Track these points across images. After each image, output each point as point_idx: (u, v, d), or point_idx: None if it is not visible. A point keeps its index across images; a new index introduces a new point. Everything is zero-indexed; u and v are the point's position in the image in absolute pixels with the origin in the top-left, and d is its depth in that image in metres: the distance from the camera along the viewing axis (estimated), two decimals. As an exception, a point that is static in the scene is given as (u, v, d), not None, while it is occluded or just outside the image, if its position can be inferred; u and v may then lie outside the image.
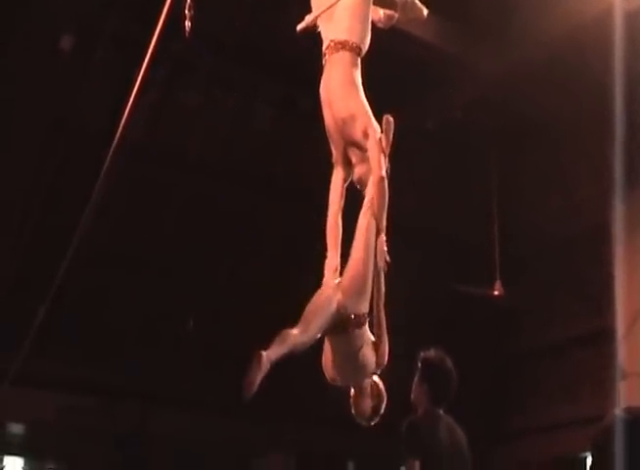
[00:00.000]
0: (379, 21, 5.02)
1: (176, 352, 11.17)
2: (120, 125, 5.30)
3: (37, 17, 8.97)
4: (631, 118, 8.30)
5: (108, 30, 9.37)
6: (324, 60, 4.72)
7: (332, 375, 4.55)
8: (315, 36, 4.83)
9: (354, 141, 4.59)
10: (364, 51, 4.73)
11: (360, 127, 4.52)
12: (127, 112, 5.16)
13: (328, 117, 4.66)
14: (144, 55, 4.84)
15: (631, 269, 10.45)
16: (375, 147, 4.46)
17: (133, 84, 5.08)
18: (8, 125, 9.53)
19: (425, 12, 5.21)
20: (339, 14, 4.69)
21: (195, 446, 11.18)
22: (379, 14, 5.01)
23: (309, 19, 4.77)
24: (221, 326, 11.65)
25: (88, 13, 9.45)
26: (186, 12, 4.51)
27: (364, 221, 4.52)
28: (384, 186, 4.47)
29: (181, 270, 11.39)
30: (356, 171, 4.64)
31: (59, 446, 11.23)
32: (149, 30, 4.79)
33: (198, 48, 9.61)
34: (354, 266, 4.47)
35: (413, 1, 5.12)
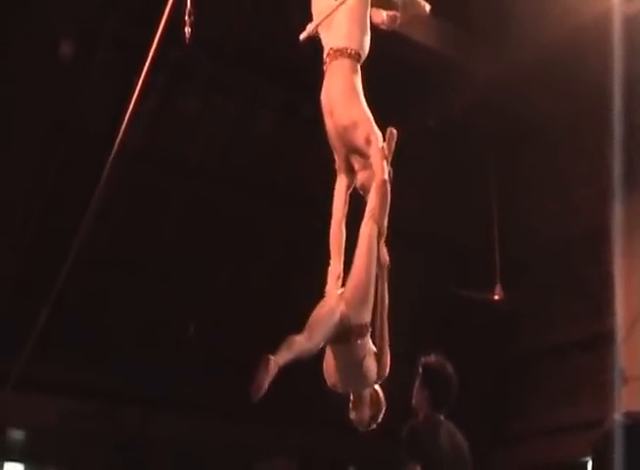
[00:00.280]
0: (382, 23, 4.99)
1: (177, 356, 11.16)
2: (121, 129, 5.30)
3: (37, 20, 8.98)
4: (629, 120, 8.31)
5: (108, 35, 9.38)
6: (324, 67, 4.73)
7: (333, 381, 4.55)
8: (316, 42, 4.84)
9: (357, 148, 4.59)
10: (364, 57, 4.74)
11: (362, 134, 4.53)
12: (128, 116, 5.17)
13: (330, 124, 4.67)
14: (144, 59, 4.85)
15: (631, 272, 10.45)
16: (377, 152, 4.47)
17: (134, 89, 5.09)
18: (8, 128, 9.54)
19: (427, 7, 5.19)
20: (337, 21, 4.71)
21: (196, 450, 11.18)
22: (382, 16, 4.99)
23: (311, 28, 4.77)
24: (222, 330, 11.65)
25: (89, 16, 9.46)
26: (186, 18, 4.52)
27: (366, 230, 4.51)
28: (386, 189, 4.47)
29: (182, 275, 11.39)
30: (359, 178, 4.64)
31: (59, 452, 11.22)
32: (149, 35, 4.80)
33: (198, 53, 9.63)
34: (357, 276, 4.47)
35: None
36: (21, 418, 10.68)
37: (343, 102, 4.61)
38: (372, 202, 4.54)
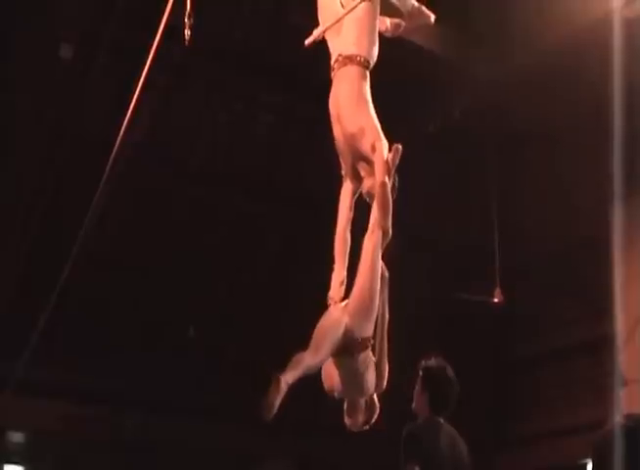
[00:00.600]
0: (386, 30, 5.01)
1: (177, 359, 11.16)
2: (121, 132, 5.30)
3: (38, 24, 8.99)
4: (630, 125, 8.30)
5: (108, 38, 9.38)
6: (332, 73, 4.71)
7: (330, 386, 4.55)
8: (317, 46, 4.83)
9: (363, 155, 4.58)
10: (372, 64, 4.73)
11: (369, 142, 4.52)
12: (127, 118, 5.17)
13: (337, 131, 4.66)
14: (144, 62, 4.85)
15: (631, 276, 10.44)
16: (380, 159, 4.46)
17: (133, 92, 5.09)
18: (10, 131, 9.55)
19: (432, 18, 5.20)
20: (346, 27, 4.69)
21: (195, 452, 11.17)
22: (385, 23, 5.01)
23: (317, 33, 4.75)
24: (222, 333, 11.65)
25: (89, 20, 9.47)
26: (186, 20, 4.51)
27: (370, 245, 4.51)
28: (386, 191, 4.44)
29: (182, 277, 11.38)
30: (365, 185, 4.62)
31: (59, 454, 11.21)
32: (149, 38, 4.80)
33: (198, 56, 9.63)
34: (360, 290, 4.47)
35: (420, 8, 5.11)
36: (21, 421, 10.69)
37: (352, 109, 4.60)
38: (375, 212, 4.54)
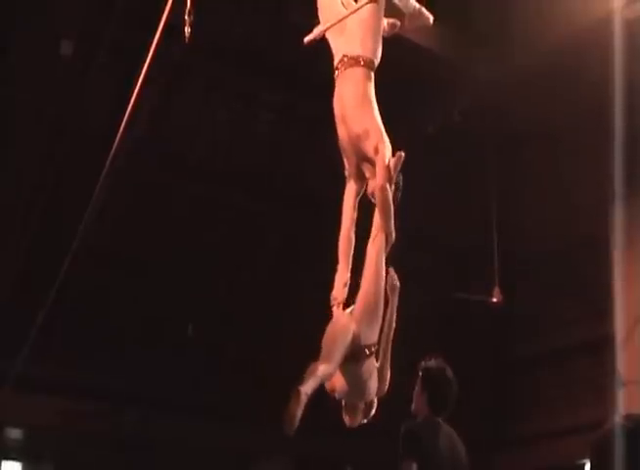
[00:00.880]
0: (382, 30, 5.01)
1: (176, 356, 11.16)
2: (120, 129, 5.30)
3: (38, 21, 8.98)
4: (630, 125, 8.30)
5: (108, 35, 9.37)
6: (336, 74, 4.70)
7: (332, 388, 4.54)
8: (318, 45, 4.82)
9: (367, 157, 4.58)
10: (376, 64, 4.72)
11: (372, 144, 4.51)
12: (127, 116, 5.17)
13: (342, 132, 4.64)
14: (144, 60, 4.85)
15: (631, 276, 10.44)
16: (382, 162, 4.46)
17: (133, 89, 5.09)
18: (10, 127, 9.55)
19: (431, 19, 5.21)
20: (351, 28, 4.67)
21: (194, 450, 11.17)
22: (382, 23, 5.02)
23: (318, 31, 4.72)
24: (221, 331, 11.65)
25: (89, 17, 9.46)
26: (186, 17, 4.50)
27: (373, 250, 4.52)
28: (386, 196, 4.45)
29: (182, 275, 11.38)
30: (370, 185, 4.62)
31: (57, 451, 11.22)
32: (149, 35, 4.80)
33: (198, 53, 9.63)
34: (365, 296, 4.47)
35: (420, 9, 5.12)
36: (19, 417, 10.69)
37: (357, 110, 4.59)
38: (377, 217, 4.56)
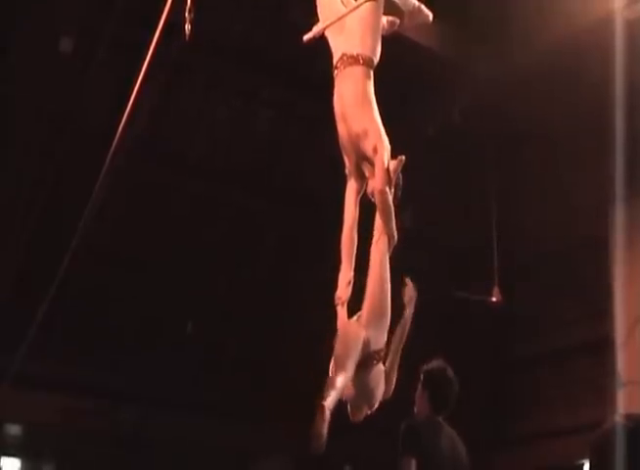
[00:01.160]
0: (382, 28, 5.01)
1: (175, 354, 11.16)
2: (120, 127, 5.30)
3: (38, 18, 8.98)
4: (630, 125, 8.30)
5: (108, 32, 9.37)
6: (335, 72, 4.69)
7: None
8: (318, 42, 4.81)
9: (366, 156, 4.58)
10: (376, 62, 4.72)
11: (371, 144, 4.51)
12: (127, 113, 5.16)
13: (342, 130, 4.64)
14: (144, 57, 4.84)
15: (630, 277, 10.43)
16: (380, 163, 4.45)
17: (133, 87, 5.08)
18: (10, 125, 9.55)
19: (430, 17, 5.21)
20: (350, 26, 4.67)
21: (193, 448, 11.17)
22: (382, 21, 5.01)
23: (317, 29, 4.71)
24: (220, 329, 11.65)
25: (89, 14, 9.46)
26: (186, 15, 4.49)
27: (377, 254, 4.53)
28: (386, 199, 4.45)
29: (181, 273, 11.38)
30: (370, 184, 4.62)
31: (57, 448, 11.23)
32: (149, 32, 4.79)
33: (198, 51, 9.62)
34: (372, 302, 4.48)
35: (419, 7, 5.11)
36: (18, 414, 10.69)
37: (357, 109, 4.58)
38: (378, 219, 4.56)
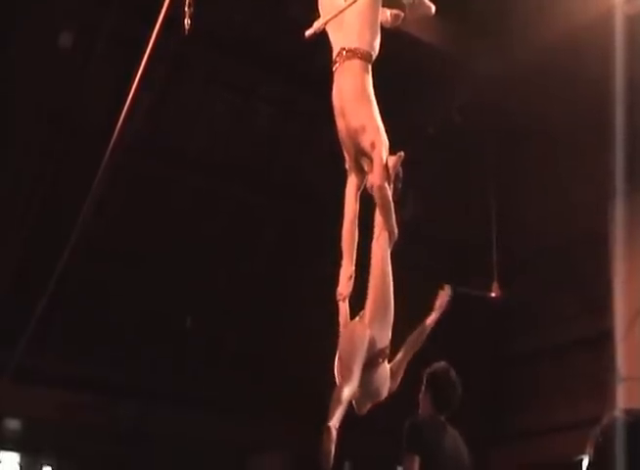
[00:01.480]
0: (385, 21, 4.99)
1: (175, 349, 11.17)
2: (119, 122, 5.29)
3: (37, 14, 8.96)
4: (630, 121, 8.29)
5: (107, 27, 9.35)
6: (334, 67, 4.69)
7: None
8: (317, 37, 4.80)
9: (364, 151, 4.59)
10: (374, 57, 4.72)
11: (369, 139, 4.52)
12: (126, 108, 5.16)
13: (341, 125, 4.64)
14: (144, 51, 4.83)
15: (630, 272, 10.44)
16: (378, 159, 4.46)
17: (133, 81, 5.07)
18: (9, 121, 9.54)
19: (432, 9, 5.20)
20: (349, 21, 4.67)
21: (192, 443, 11.18)
22: (385, 14, 4.99)
23: (318, 25, 4.70)
24: (220, 324, 11.64)
25: (88, 9, 9.45)
26: (186, 9, 4.48)
27: (378, 251, 4.53)
28: (385, 195, 4.46)
29: (181, 267, 11.38)
30: (369, 179, 4.62)
31: (56, 442, 11.23)
32: (149, 27, 4.78)
33: (197, 46, 9.61)
34: (374, 298, 4.48)
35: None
36: (18, 408, 10.68)
37: (355, 104, 4.59)
38: (378, 216, 4.57)
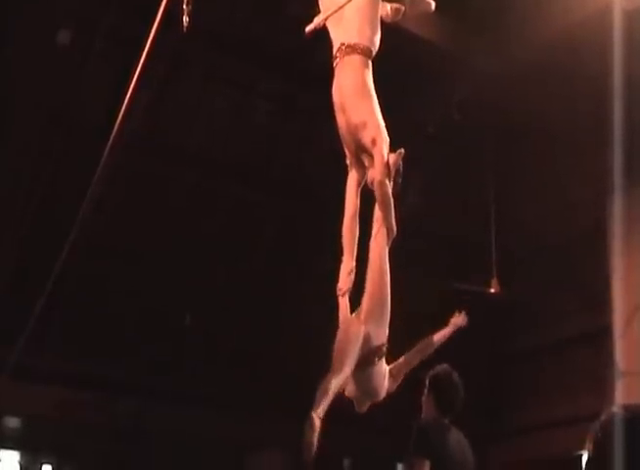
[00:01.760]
0: (386, 16, 4.98)
1: (174, 346, 11.17)
2: (118, 119, 5.28)
3: (35, 12, 8.95)
4: (628, 118, 8.30)
5: (106, 25, 9.35)
6: (334, 62, 4.69)
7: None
8: (317, 33, 4.79)
9: (365, 148, 4.59)
10: (374, 52, 4.72)
11: (369, 135, 4.52)
12: (125, 105, 5.15)
13: (341, 121, 4.64)
14: (142, 49, 4.82)
15: (628, 268, 10.45)
16: (379, 155, 4.46)
17: (131, 79, 5.07)
18: (7, 119, 9.53)
19: (432, 5, 5.20)
20: (348, 16, 4.66)
21: (191, 440, 11.19)
22: (386, 9, 4.99)
23: (318, 20, 4.69)
24: (219, 322, 11.65)
25: (86, 7, 9.44)
26: (184, 7, 4.48)
27: (376, 248, 4.55)
28: (385, 191, 4.46)
29: (180, 265, 11.38)
30: (369, 175, 4.62)
31: (56, 440, 11.23)
32: (147, 25, 4.78)
33: (197, 44, 9.60)
34: (372, 295, 4.50)
35: None
36: (17, 406, 10.68)
37: (355, 100, 4.58)
38: (377, 212, 4.58)
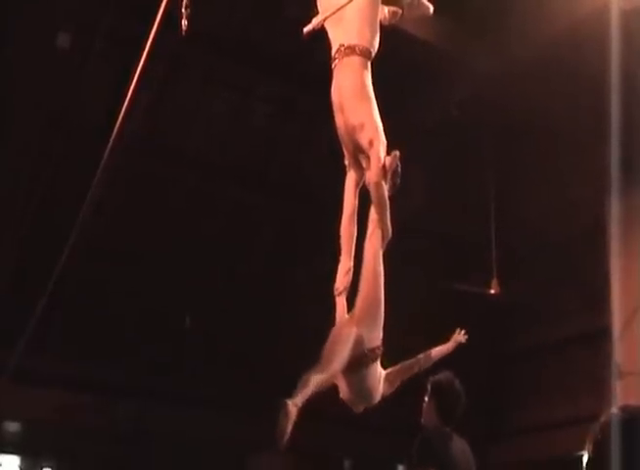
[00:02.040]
0: (383, 19, 4.99)
1: (174, 349, 11.17)
2: (118, 121, 5.29)
3: (35, 13, 8.95)
4: (628, 117, 8.29)
5: (105, 26, 9.35)
6: (333, 63, 4.69)
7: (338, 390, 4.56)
8: (316, 36, 4.80)
9: (362, 149, 4.59)
10: (374, 54, 4.72)
11: (366, 137, 4.51)
12: (125, 108, 5.16)
13: (340, 121, 4.64)
14: (142, 51, 4.83)
15: (628, 268, 10.45)
16: (375, 157, 4.46)
17: (131, 81, 5.07)
18: (7, 120, 9.53)
19: (431, 9, 5.20)
20: (348, 17, 4.65)
21: (192, 442, 11.18)
22: (383, 12, 4.99)
23: (317, 21, 4.70)
24: (219, 323, 11.65)
25: (86, 9, 9.44)
26: (183, 10, 4.48)
27: (371, 249, 4.54)
28: (381, 192, 4.46)
29: (179, 267, 11.38)
30: (367, 176, 4.62)
31: (56, 444, 11.21)
32: (147, 27, 4.78)
33: (196, 46, 9.61)
34: (365, 299, 4.49)
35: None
36: (17, 410, 10.68)
37: (354, 101, 4.59)
38: (373, 213, 4.58)
